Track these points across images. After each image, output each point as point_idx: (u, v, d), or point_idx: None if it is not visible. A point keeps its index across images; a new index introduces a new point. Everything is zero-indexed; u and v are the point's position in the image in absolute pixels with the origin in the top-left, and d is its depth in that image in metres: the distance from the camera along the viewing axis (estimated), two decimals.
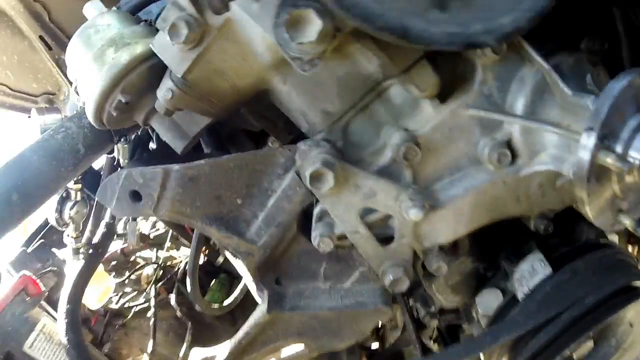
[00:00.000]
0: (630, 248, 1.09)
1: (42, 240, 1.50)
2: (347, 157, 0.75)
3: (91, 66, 0.79)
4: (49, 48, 1.65)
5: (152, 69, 0.77)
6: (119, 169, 1.06)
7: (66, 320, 1.11)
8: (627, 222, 0.69)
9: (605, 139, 0.65)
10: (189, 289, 1.11)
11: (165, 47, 0.71)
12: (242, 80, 0.74)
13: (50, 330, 1.40)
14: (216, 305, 1.48)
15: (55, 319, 1.36)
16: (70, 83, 1.73)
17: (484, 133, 0.75)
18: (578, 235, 0.87)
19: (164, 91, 0.73)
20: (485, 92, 0.74)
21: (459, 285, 0.90)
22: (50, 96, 1.79)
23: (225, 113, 0.78)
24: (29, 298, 1.37)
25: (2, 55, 1.65)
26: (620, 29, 0.79)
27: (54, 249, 1.50)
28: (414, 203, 0.70)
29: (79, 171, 0.90)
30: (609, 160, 0.63)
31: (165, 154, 0.93)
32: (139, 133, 1.05)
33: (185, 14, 0.67)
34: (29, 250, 1.50)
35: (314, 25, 0.55)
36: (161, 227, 1.92)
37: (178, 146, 0.82)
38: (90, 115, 0.81)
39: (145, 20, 0.93)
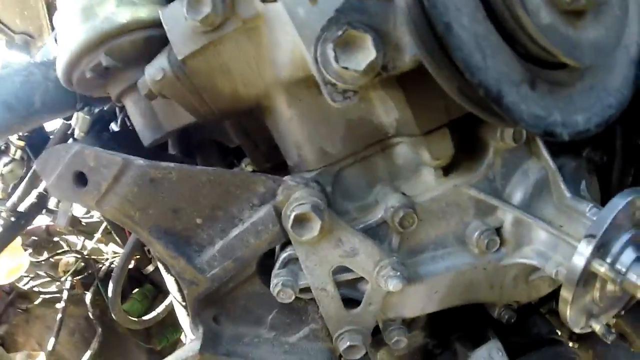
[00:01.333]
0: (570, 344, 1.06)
1: None
2: (333, 206, 0.62)
3: (81, 11, 0.62)
4: None
5: (149, 40, 0.62)
6: (71, 140, 0.84)
7: None
8: (597, 327, 0.65)
9: (601, 248, 0.60)
10: (109, 293, 0.89)
11: (176, 19, 0.56)
12: (245, 88, 0.59)
13: None
14: (135, 318, 1.24)
15: None
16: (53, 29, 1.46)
17: (477, 215, 0.67)
18: (530, 327, 0.81)
19: (155, 70, 0.57)
20: (490, 176, 0.66)
21: (406, 358, 0.79)
22: (28, 38, 1.50)
23: (211, 117, 0.62)
24: None
25: None
26: (618, 145, 0.75)
27: None
28: (396, 274, 0.60)
29: (25, 128, 0.70)
30: (602, 269, 0.58)
31: (126, 142, 0.74)
32: (104, 108, 0.84)
33: None
34: None
35: (367, 54, 0.43)
36: (97, 215, 1.62)
37: (147, 137, 0.65)
38: (60, 68, 0.63)
39: None
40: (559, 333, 0.87)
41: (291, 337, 0.70)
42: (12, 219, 0.96)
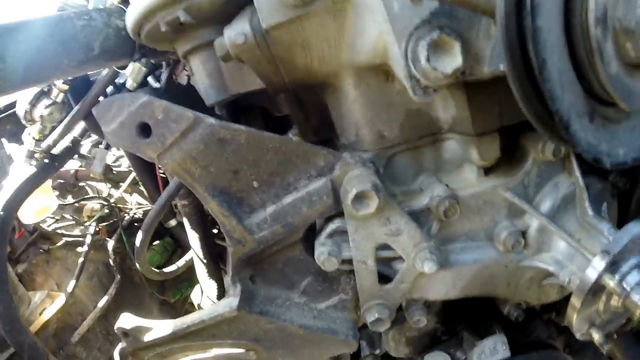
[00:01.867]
0: None
1: None
2: None
3: None
4: None
5: (228, 1, 0.68)
6: (123, 90, 0.92)
7: None
8: (596, 336, 0.78)
9: (612, 265, 0.72)
10: (136, 242, 0.98)
11: None
12: (319, 65, 0.69)
13: None
14: (156, 270, 1.34)
15: None
16: None
17: (508, 216, 0.79)
18: (532, 330, 0.95)
19: (237, 33, 0.66)
20: (525, 183, 0.78)
21: (414, 340, 0.93)
22: None
23: (280, 87, 0.71)
24: None
25: None
26: None
27: (3, 139, 1.25)
28: (432, 257, 0.71)
29: (80, 72, 0.77)
30: (611, 283, 0.70)
31: (178, 96, 0.82)
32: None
33: None
34: None
35: (455, 59, 0.54)
36: (125, 164, 1.69)
37: (211, 97, 0.74)
38: (132, 17, 0.70)
39: None
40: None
41: (320, 304, 0.81)
42: (46, 160, 1.03)
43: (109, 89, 1.00)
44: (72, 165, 1.59)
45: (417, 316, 0.80)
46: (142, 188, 1.49)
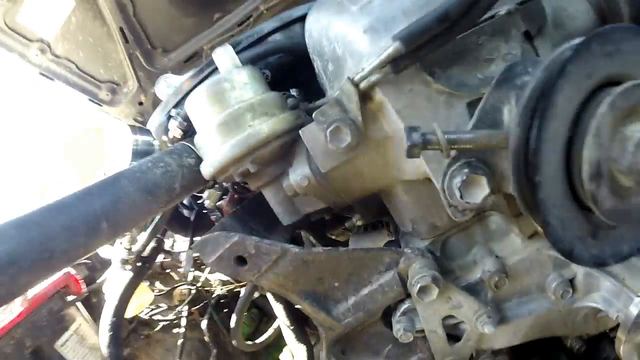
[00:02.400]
0: None
1: None
2: (440, 267, 0.95)
3: (222, 124, 0.93)
4: (126, 41, 1.75)
5: (284, 145, 0.93)
6: (202, 209, 1.18)
7: (110, 334, 1.24)
8: None
9: None
10: (232, 324, 1.27)
11: (316, 140, 0.87)
12: (372, 184, 0.92)
13: (84, 332, 1.51)
14: (250, 342, 1.65)
15: (86, 320, 1.45)
16: (139, 82, 1.82)
17: (554, 269, 1.00)
18: (600, 351, 1.15)
19: (300, 177, 0.90)
20: None
21: None
22: (115, 86, 1.88)
23: (344, 204, 0.95)
24: (68, 296, 1.45)
25: (79, 34, 1.72)
26: None
27: None
28: (490, 321, 0.94)
29: (168, 208, 1.02)
30: None
31: (254, 210, 1.08)
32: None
33: (347, 118, 0.82)
34: None
35: (483, 190, 0.74)
36: None
37: (286, 219, 0.99)
38: (207, 172, 0.95)
39: (263, 73, 1.06)
40: None
41: None
42: (138, 264, 1.33)
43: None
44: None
45: None
46: None
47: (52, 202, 0.91)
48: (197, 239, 1.43)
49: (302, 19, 1.29)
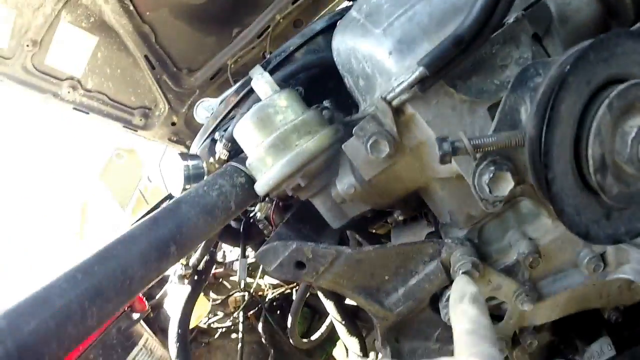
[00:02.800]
0: None
1: None
2: (479, 252, 1.13)
3: (271, 146, 1.13)
4: (152, 67, 1.97)
5: (328, 159, 1.12)
6: (245, 213, 1.38)
7: (177, 345, 1.45)
8: None
9: None
10: (289, 324, 1.47)
11: (358, 152, 1.06)
12: (411, 184, 1.11)
13: (152, 346, 1.73)
14: (306, 340, 1.87)
15: (151, 335, 1.68)
16: (169, 103, 2.05)
17: (585, 245, 1.16)
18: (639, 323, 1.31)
19: (347, 186, 1.09)
20: None
21: (535, 354, 1.33)
22: (147, 110, 2.11)
23: (388, 204, 1.13)
24: (135, 314, 1.67)
25: (106, 67, 1.95)
26: None
27: None
28: (529, 299, 1.11)
29: (225, 224, 1.22)
30: None
31: (303, 216, 1.27)
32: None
33: (383, 130, 1.01)
34: None
35: (509, 183, 0.92)
36: (252, 255, 2.29)
37: (335, 224, 1.18)
38: (262, 189, 1.15)
39: (296, 89, 1.26)
40: None
41: (452, 346, 1.23)
42: (195, 277, 1.55)
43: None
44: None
45: (529, 340, 1.21)
46: None
47: (124, 234, 1.10)
48: (248, 248, 1.64)
49: (323, 31, 1.48)
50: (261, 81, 1.20)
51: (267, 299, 2.31)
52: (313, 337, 2.01)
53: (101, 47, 1.98)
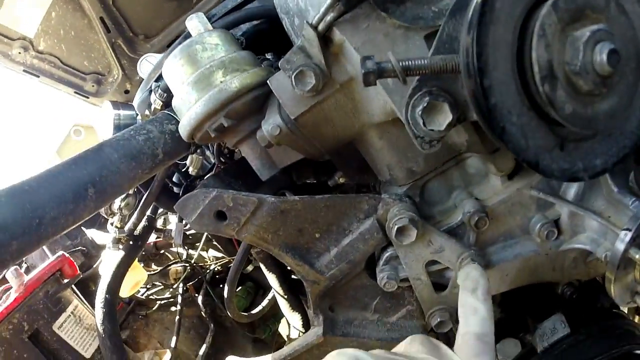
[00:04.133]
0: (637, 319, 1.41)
1: None
2: (420, 212, 0.98)
3: (195, 83, 0.97)
4: (108, 30, 1.83)
5: (256, 99, 0.97)
6: (178, 175, 1.23)
7: (104, 310, 1.29)
8: None
9: (638, 238, 0.92)
10: (225, 295, 1.31)
11: (284, 87, 0.91)
12: (345, 131, 0.95)
13: (81, 314, 1.56)
14: (245, 314, 1.71)
15: (83, 302, 1.51)
16: (123, 70, 1.90)
17: (538, 210, 1.01)
18: (594, 301, 1.16)
19: (272, 126, 0.93)
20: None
21: None
22: (99, 76, 1.97)
23: (319, 154, 0.99)
24: (64, 279, 1.51)
25: (60, 28, 1.80)
26: None
27: (82, 228, 1.64)
28: (475, 264, 0.95)
29: (152, 174, 1.07)
30: (637, 256, 0.90)
31: (237, 172, 1.13)
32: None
33: (311, 63, 0.87)
34: None
35: (446, 117, 0.76)
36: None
37: (264, 174, 1.03)
38: (185, 130, 0.99)
39: (237, 39, 1.12)
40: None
41: (391, 318, 1.08)
42: (131, 242, 1.39)
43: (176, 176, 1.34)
44: (150, 238, 2.01)
45: None
46: (215, 243, 1.87)
47: (41, 172, 0.96)
48: None
49: None
50: (195, 20, 1.06)
51: (209, 271, 2.15)
52: (254, 311, 1.85)
53: (56, 7, 1.82)
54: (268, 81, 0.92)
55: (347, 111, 0.92)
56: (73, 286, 1.61)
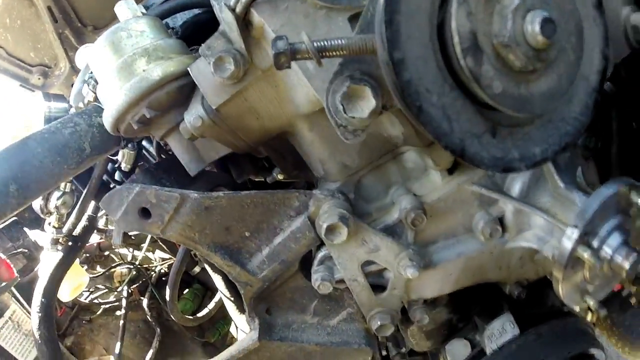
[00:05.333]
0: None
1: (15, 218, 1.52)
2: (356, 210, 0.89)
3: (118, 72, 0.87)
4: (55, 20, 1.71)
5: (181, 88, 0.87)
6: (119, 172, 1.13)
7: (40, 315, 1.18)
8: (591, 302, 0.87)
9: (586, 235, 0.83)
10: (167, 297, 1.21)
11: (204, 75, 0.81)
12: (271, 122, 0.86)
13: (20, 319, 1.45)
14: (190, 317, 1.60)
15: (22, 306, 1.40)
16: (71, 62, 1.78)
17: (481, 207, 0.91)
18: (545, 300, 1.08)
19: (194, 118, 0.84)
20: (489, 172, 0.90)
21: (432, 333, 1.08)
22: (46, 69, 1.84)
23: (245, 148, 0.89)
24: (1, 283, 1.41)
25: (6, 16, 1.67)
26: (614, 128, 0.98)
27: (25, 229, 1.54)
28: (412, 263, 0.86)
29: (80, 170, 0.97)
30: (585, 255, 0.80)
31: (171, 167, 1.03)
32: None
33: (232, 48, 0.77)
34: (0, 226, 1.51)
35: (369, 103, 0.66)
36: None
37: (192, 169, 0.93)
38: (108, 122, 0.89)
39: (172, 29, 1.02)
40: None
41: (332, 321, 0.99)
42: (70, 243, 1.28)
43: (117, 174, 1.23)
44: (94, 239, 1.89)
45: (418, 315, 0.95)
46: (161, 243, 1.76)
47: None
48: None
49: None
50: (123, 6, 0.96)
51: (154, 273, 2.04)
52: (199, 315, 1.74)
53: None
54: (188, 68, 0.82)
55: (271, 100, 0.83)
56: (13, 290, 1.50)
